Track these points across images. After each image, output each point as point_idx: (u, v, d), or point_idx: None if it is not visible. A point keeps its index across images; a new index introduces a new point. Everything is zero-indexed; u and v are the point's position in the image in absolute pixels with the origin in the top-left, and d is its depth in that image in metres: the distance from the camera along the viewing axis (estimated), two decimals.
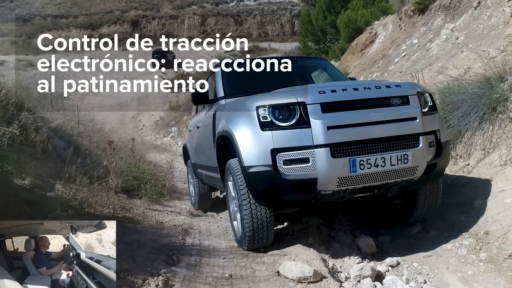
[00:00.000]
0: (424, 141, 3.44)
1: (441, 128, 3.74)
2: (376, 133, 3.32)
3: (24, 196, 3.14)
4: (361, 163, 3.24)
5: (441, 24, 11.23)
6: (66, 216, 3.03)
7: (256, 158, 3.34)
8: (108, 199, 3.96)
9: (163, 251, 3.18)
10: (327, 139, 3.19)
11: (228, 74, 4.90)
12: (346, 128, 3.26)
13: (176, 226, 4.11)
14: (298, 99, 3.30)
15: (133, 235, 3.42)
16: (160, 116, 23.39)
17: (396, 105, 3.45)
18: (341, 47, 19.24)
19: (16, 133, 3.40)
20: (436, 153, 3.60)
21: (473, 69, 6.63)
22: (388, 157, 3.29)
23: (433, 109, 3.70)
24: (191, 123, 6.64)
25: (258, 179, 3.34)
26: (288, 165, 3.25)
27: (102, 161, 4.86)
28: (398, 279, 2.87)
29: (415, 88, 3.62)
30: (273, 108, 3.33)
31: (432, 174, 3.59)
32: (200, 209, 5.90)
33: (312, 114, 3.26)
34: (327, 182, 3.24)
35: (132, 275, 2.53)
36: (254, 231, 3.50)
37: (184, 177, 8.49)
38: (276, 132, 3.28)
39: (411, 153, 3.35)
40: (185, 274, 2.74)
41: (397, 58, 12.20)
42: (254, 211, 3.48)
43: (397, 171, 3.35)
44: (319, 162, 3.19)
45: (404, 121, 3.43)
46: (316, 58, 6.58)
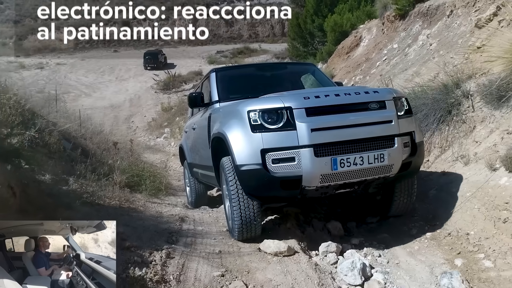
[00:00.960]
0: (399, 142, 3.72)
1: (416, 129, 4.01)
2: (355, 135, 3.60)
3: (45, 189, 3.71)
4: (341, 162, 3.51)
5: (419, 30, 11.83)
6: (82, 205, 3.62)
7: (248, 158, 3.59)
8: (114, 193, 4.56)
9: (164, 234, 3.80)
10: (311, 140, 3.47)
11: (222, 79, 5.18)
12: (328, 130, 3.54)
13: (174, 215, 4.72)
14: (285, 104, 3.57)
15: (138, 221, 4.04)
16: (153, 117, 23.81)
17: (373, 109, 3.74)
18: (328, 50, 19.77)
19: (35, 136, 3.97)
20: (411, 152, 3.88)
21: (440, 75, 7.31)
22: (366, 156, 3.57)
23: (408, 113, 3.97)
24: (186, 124, 6.88)
25: (249, 176, 3.60)
26: (276, 163, 3.51)
27: (106, 160, 5.43)
28: (355, 252, 3.53)
29: (392, 94, 3.90)
30: (262, 112, 3.59)
31: (407, 172, 3.88)
32: (197, 208, 6.18)
33: (297, 117, 3.53)
34: (311, 179, 3.52)
35: (141, 249, 3.14)
36: (242, 223, 3.77)
37: (178, 175, 9.07)
38: (265, 134, 3.55)
39: (386, 153, 3.63)
40: (183, 250, 3.37)
41: (378, 62, 12.84)
42: (243, 205, 3.75)
43: (374, 169, 3.63)
44: (304, 160, 3.47)
45: (380, 123, 3.71)
46: (305, 64, 6.94)
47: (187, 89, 31.01)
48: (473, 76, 5.45)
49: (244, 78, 5.77)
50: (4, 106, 4.05)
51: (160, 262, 2.98)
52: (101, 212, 3.85)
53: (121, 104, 28.80)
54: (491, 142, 4.39)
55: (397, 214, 4.36)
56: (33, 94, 9.46)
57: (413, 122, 4.02)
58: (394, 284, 3.18)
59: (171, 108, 23.86)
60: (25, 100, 5.01)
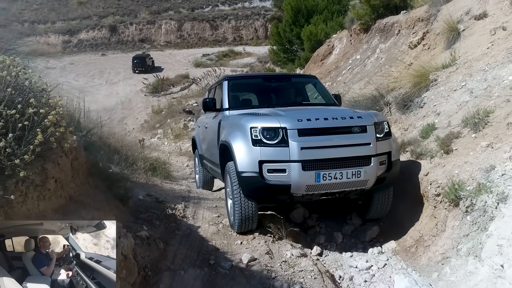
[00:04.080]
0: (375, 161, 4.21)
1: (394, 149, 4.51)
2: (337, 154, 4.10)
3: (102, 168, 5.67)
4: (324, 176, 4.02)
5: (377, 44, 13.58)
6: (125, 181, 5.56)
7: (247, 166, 4.12)
8: (140, 175, 6.53)
9: (179, 197, 5.80)
10: (300, 157, 3.99)
11: (233, 87, 5.73)
12: (315, 149, 4.05)
13: (183, 190, 6.72)
14: (281, 125, 4.10)
15: (160, 191, 6.03)
16: (145, 119, 25.22)
17: (356, 132, 4.23)
18: (305, 56, 21.39)
19: (96, 140, 5.91)
20: (387, 169, 4.38)
21: (382, 85, 9.38)
22: (345, 172, 4.07)
23: (388, 135, 4.47)
24: (200, 118, 7.60)
25: (248, 181, 4.14)
26: (270, 173, 4.06)
27: (128, 154, 7.39)
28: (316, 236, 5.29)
29: (373, 119, 4.37)
30: (262, 129, 4.11)
31: (381, 185, 4.43)
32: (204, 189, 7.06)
33: (291, 136, 4.04)
34: (298, 188, 4.06)
35: (167, 203, 5.15)
36: (242, 220, 4.37)
37: (177, 168, 11.01)
38: (263, 148, 4.08)
39: (363, 170, 4.12)
40: (193, 205, 5.39)
41: (344, 70, 14.75)
42: (243, 205, 4.32)
43: (352, 183, 4.14)
44: (293, 173, 3.99)
45: (360, 145, 4.19)
46: (308, 76, 7.47)
47: (175, 92, 32.41)
48: (394, 89, 7.54)
49: (253, 88, 6.40)
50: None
51: (182, 209, 5.01)
52: (137, 185, 5.84)
53: (114, 107, 29.65)
54: (397, 136, 6.46)
55: (374, 218, 5.00)
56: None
57: (391, 143, 4.51)
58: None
59: (161, 110, 24.98)
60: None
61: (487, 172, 3.86)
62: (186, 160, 11.73)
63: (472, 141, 4.51)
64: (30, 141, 1.92)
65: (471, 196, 3.80)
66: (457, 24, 7.56)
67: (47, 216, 2.42)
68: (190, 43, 55.69)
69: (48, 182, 2.59)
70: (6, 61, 2.20)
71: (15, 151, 1.84)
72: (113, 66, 43.53)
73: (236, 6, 60.98)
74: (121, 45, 54.72)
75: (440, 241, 4.07)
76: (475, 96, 5.25)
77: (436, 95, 6.14)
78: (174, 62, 45.87)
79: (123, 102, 30.29)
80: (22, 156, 1.85)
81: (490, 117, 4.54)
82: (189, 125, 19.96)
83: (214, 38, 56.93)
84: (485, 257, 3.29)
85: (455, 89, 5.86)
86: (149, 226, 4.11)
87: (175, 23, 56.62)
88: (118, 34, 56.18)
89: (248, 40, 56.30)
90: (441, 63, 6.81)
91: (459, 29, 7.43)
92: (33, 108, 1.96)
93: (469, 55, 6.59)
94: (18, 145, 1.85)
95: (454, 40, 7.42)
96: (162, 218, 4.53)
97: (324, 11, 21.88)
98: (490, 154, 4.09)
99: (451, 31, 7.48)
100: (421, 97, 6.37)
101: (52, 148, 2.20)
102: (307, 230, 5.27)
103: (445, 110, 5.63)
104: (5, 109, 1.81)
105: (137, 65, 40.27)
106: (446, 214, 4.13)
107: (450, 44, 7.45)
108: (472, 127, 4.63)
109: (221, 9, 60.89)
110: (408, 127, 6.31)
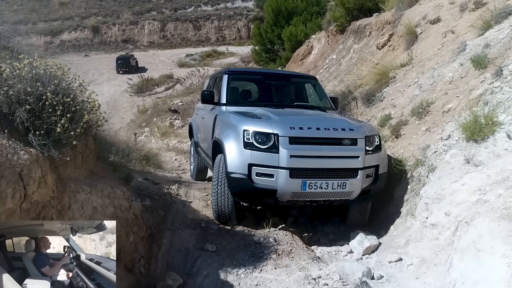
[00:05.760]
0: (362, 174, 4.21)
1: (382, 163, 4.49)
2: (325, 164, 4.12)
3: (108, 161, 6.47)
4: (310, 184, 4.06)
5: (351, 44, 14.48)
6: (124, 168, 6.36)
7: (237, 168, 4.14)
8: (136, 164, 7.34)
9: (172, 181, 6.65)
10: (288, 164, 4.02)
11: (233, 82, 5.71)
12: (304, 158, 4.09)
13: (175, 177, 7.56)
14: (274, 131, 4.10)
15: (155, 177, 6.86)
16: (131, 119, 25.76)
17: (346, 145, 4.22)
18: (286, 56, 22.17)
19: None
20: (373, 182, 4.38)
21: (352, 83, 10.35)
22: (331, 183, 4.09)
23: (378, 149, 4.45)
24: (198, 105, 7.55)
25: (236, 182, 4.19)
26: (258, 176, 4.09)
27: (125, 146, 8.18)
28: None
29: (364, 133, 4.35)
30: (255, 133, 4.13)
31: (366, 196, 4.44)
32: (196, 180, 7.19)
33: (281, 143, 4.06)
34: (284, 194, 4.11)
35: (163, 185, 5.99)
36: (218, 214, 4.57)
37: (167, 161, 11.75)
38: (254, 152, 4.09)
39: (349, 182, 4.15)
40: (185, 186, 6.25)
41: (321, 69, 15.67)
42: (220, 200, 4.45)
43: (337, 193, 4.18)
44: (280, 179, 4.03)
45: (348, 158, 4.21)
46: (308, 77, 7.23)
47: (160, 92, 32.90)
48: (360, 86, 8.50)
49: (252, 84, 6.43)
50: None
51: (175, 189, 5.87)
52: (134, 172, 6.64)
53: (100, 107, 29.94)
54: None
55: (352, 225, 4.94)
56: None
57: (380, 157, 4.51)
58: None
59: (146, 110, 25.31)
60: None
61: (423, 150, 4.81)
62: (174, 155, 12.46)
63: (416, 127, 5.47)
64: (79, 120, 2.75)
65: (411, 170, 4.75)
66: (415, 27, 8.56)
67: (78, 181, 3.24)
68: (174, 43, 55.99)
69: (77, 157, 3.42)
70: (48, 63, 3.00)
71: (69, 127, 2.66)
72: (97, 67, 43.56)
73: (219, 7, 61.25)
74: (104, 46, 54.73)
75: (389, 208, 5.01)
76: (423, 91, 6.21)
77: (394, 90, 7.11)
78: (158, 62, 46.22)
79: (108, 102, 30.64)
80: (75, 130, 2.68)
81: (431, 107, 5.51)
82: (175, 124, 20.66)
83: (197, 38, 57.26)
84: (417, 214, 4.23)
85: (409, 85, 6.84)
86: (150, 199, 4.94)
87: (158, 24, 56.62)
88: (101, 35, 55.96)
89: (231, 40, 56.86)
90: (400, 62, 7.79)
91: (417, 32, 8.43)
92: (79, 96, 2.78)
93: (423, 55, 7.58)
94: (71, 123, 2.67)
95: (412, 42, 8.42)
96: (160, 194, 5.37)
97: (304, 12, 22.73)
98: (428, 136, 5.05)
99: (410, 34, 8.47)
100: (382, 92, 7.33)
101: (91, 126, 3.02)
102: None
103: (400, 103, 6.59)
104: (63, 97, 2.64)
105: (121, 66, 40.50)
106: (394, 186, 5.07)
107: (409, 45, 8.44)
108: (417, 115, 5.59)
109: (204, 9, 61.06)
110: (370, 118, 7.26)
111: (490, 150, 3.95)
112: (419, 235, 3.96)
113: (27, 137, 2.58)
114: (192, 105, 21.35)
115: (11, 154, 2.25)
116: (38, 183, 2.33)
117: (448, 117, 5.01)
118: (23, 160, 2.27)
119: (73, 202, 2.79)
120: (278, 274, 3.39)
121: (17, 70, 2.56)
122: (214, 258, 3.78)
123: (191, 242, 4.08)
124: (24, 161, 2.27)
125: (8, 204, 2.11)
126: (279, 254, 3.83)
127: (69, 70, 2.99)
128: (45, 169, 2.46)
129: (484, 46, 5.56)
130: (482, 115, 4.17)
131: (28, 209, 2.24)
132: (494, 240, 2.54)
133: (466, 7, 7.65)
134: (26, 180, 2.23)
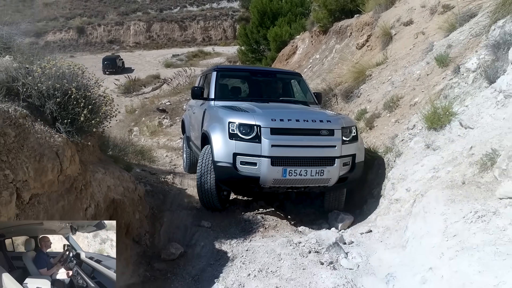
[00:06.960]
0: (339, 162, 4.51)
1: (359, 152, 4.80)
2: (304, 153, 4.41)
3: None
4: (290, 172, 4.34)
5: (333, 45, 15.06)
6: (122, 160, 6.89)
7: (223, 157, 4.42)
8: (132, 157, 7.86)
9: (167, 172, 7.18)
10: (270, 153, 4.30)
11: (221, 78, 5.99)
12: (284, 147, 4.36)
13: (169, 169, 8.12)
14: (256, 122, 4.37)
15: (151, 169, 7.41)
16: (119, 119, 26.09)
17: (323, 135, 4.51)
18: (271, 56, 22.66)
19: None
20: (350, 170, 4.69)
21: (332, 81, 10.99)
22: (309, 170, 4.37)
23: (354, 139, 4.75)
24: (190, 102, 7.98)
25: (222, 171, 4.47)
26: (243, 165, 4.37)
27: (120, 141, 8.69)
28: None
29: (341, 124, 4.65)
30: (239, 124, 4.40)
31: (343, 183, 4.76)
32: (189, 173, 7.40)
33: (263, 134, 4.32)
34: (266, 181, 4.38)
35: (159, 175, 6.53)
36: (203, 200, 4.89)
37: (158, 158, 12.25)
38: (238, 142, 4.37)
39: (326, 169, 4.43)
40: (179, 177, 6.79)
41: (305, 69, 16.27)
42: (203, 189, 4.74)
43: (315, 180, 4.45)
44: (263, 167, 4.30)
45: (326, 147, 4.49)
46: (294, 74, 7.39)
47: (147, 92, 33.14)
48: (340, 83, 9.15)
49: (240, 80, 6.75)
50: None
51: (171, 178, 6.42)
52: (131, 164, 7.17)
53: None
54: None
55: (329, 210, 5.30)
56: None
57: (357, 147, 4.81)
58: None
59: (134, 110, 25.45)
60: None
61: (392, 139, 5.46)
62: (165, 152, 12.96)
63: (387, 119, 6.12)
64: (97, 111, 3.30)
65: (381, 156, 5.40)
66: (390, 29, 9.25)
67: (94, 164, 3.78)
68: (160, 44, 56.03)
69: (89, 145, 3.96)
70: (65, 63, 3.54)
71: (90, 117, 3.21)
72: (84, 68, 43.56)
73: (204, 7, 61.33)
74: (90, 47, 54.53)
75: (363, 190, 5.64)
76: (395, 87, 6.87)
77: (370, 87, 7.76)
78: (144, 63, 46.31)
79: None
80: (95, 119, 3.23)
81: (400, 101, 6.17)
82: (163, 123, 21.09)
83: (183, 39, 57.26)
84: (386, 193, 4.87)
85: (383, 82, 7.50)
86: (150, 186, 5.49)
87: (143, 24, 56.53)
88: (86, 35, 55.65)
89: (217, 40, 57.17)
90: (376, 62, 8.46)
91: (392, 34, 9.12)
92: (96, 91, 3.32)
93: (397, 55, 8.25)
94: (91, 113, 3.22)
95: (388, 42, 9.10)
96: (158, 182, 5.92)
97: (288, 13, 23.27)
98: (397, 127, 5.70)
99: (386, 35, 9.15)
100: (359, 89, 7.98)
101: (107, 116, 3.58)
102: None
103: (375, 98, 7.25)
104: (85, 92, 3.19)
105: (107, 66, 40.47)
106: (367, 171, 5.70)
107: (384, 45, 9.12)
108: (388, 109, 6.24)
109: (190, 10, 61.08)
110: (349, 113, 7.89)
111: (446, 136, 4.60)
112: (387, 210, 4.59)
113: (55, 125, 3.13)
114: (180, 104, 21.83)
115: (48, 137, 2.79)
116: (70, 161, 2.87)
117: (414, 110, 5.67)
118: (58, 142, 2.82)
119: (93, 180, 3.34)
120: (265, 242, 3.99)
121: (47, 70, 3.10)
122: (209, 233, 4.36)
123: (189, 220, 4.65)
124: (59, 143, 2.81)
125: (49, 176, 2.64)
126: (266, 228, 4.43)
127: (86, 69, 3.53)
128: (73, 150, 3.01)
129: (447, 46, 6.24)
130: (440, 107, 4.82)
131: (64, 181, 2.78)
132: (437, 203, 3.17)
133: (435, 10, 8.35)
134: (61, 158, 2.77)
